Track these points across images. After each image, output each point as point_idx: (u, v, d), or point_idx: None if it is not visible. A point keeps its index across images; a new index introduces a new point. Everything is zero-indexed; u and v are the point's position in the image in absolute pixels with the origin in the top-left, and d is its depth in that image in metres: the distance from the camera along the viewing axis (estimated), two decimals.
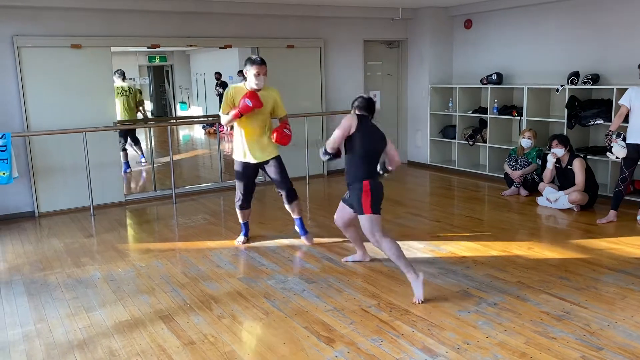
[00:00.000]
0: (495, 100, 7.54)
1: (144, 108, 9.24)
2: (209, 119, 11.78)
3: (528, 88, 7.05)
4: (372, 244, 3.92)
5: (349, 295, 3.80)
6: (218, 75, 13.27)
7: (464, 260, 4.42)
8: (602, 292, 3.75)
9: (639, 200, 5.80)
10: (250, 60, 4.55)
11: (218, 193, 7.11)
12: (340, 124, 3.84)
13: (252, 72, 4.52)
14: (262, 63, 4.54)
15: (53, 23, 6.11)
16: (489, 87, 7.56)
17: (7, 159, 5.52)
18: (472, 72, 8.17)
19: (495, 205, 6.27)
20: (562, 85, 6.67)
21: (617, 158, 5.32)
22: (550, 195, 5.94)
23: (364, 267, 4.33)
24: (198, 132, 14.27)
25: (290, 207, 4.92)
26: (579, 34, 6.81)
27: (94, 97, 6.38)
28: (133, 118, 8.70)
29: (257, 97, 4.50)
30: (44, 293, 4.01)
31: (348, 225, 4.28)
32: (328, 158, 3.99)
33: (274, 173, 4.79)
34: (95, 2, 6.19)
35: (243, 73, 4.71)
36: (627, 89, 5.30)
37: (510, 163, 6.72)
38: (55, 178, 6.27)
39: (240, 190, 4.85)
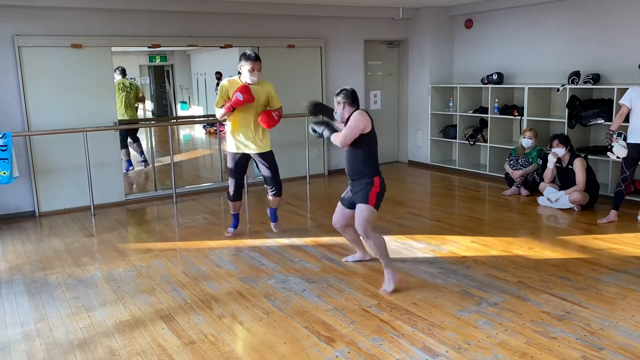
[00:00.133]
0: (496, 100, 7.53)
1: (144, 105, 9.12)
2: (210, 119, 11.75)
3: (529, 88, 7.04)
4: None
5: (350, 295, 3.80)
6: (218, 75, 13.25)
7: (465, 260, 4.42)
8: (602, 292, 3.75)
9: None
10: (245, 56, 4.65)
11: (218, 193, 7.11)
12: (354, 124, 3.79)
13: (246, 67, 4.64)
14: (256, 59, 4.65)
15: (53, 23, 6.11)
16: (490, 86, 7.55)
17: (7, 159, 5.52)
18: (472, 71, 8.16)
19: (496, 205, 6.26)
20: (562, 85, 6.66)
21: (617, 158, 5.32)
22: (551, 195, 5.93)
23: (364, 266, 4.33)
24: (199, 131, 14.26)
25: (273, 200, 5.11)
26: (580, 34, 6.80)
27: (95, 96, 6.38)
28: (134, 115, 8.65)
29: (248, 91, 4.61)
30: (45, 292, 4.01)
31: (347, 226, 4.27)
32: (317, 136, 4.04)
33: (266, 168, 4.94)
34: (96, 1, 6.18)
35: (239, 68, 4.77)
36: (627, 89, 5.29)
37: (511, 163, 6.71)
38: (56, 178, 6.27)
39: (232, 182, 5.02)
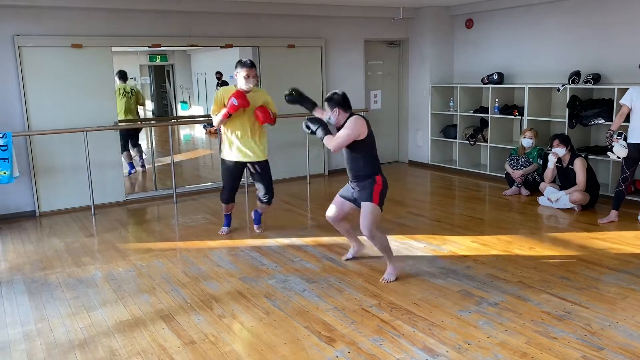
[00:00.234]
0: (496, 100, 7.53)
1: (144, 109, 9.19)
2: (210, 119, 11.77)
3: (529, 88, 7.04)
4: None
5: (350, 295, 3.80)
6: (219, 75, 13.25)
7: (465, 260, 4.42)
8: (603, 292, 3.75)
9: None
10: (240, 63, 4.73)
11: (219, 193, 7.07)
12: (349, 132, 3.84)
13: (241, 74, 4.70)
14: (251, 66, 4.72)
15: (54, 22, 6.11)
16: (490, 86, 7.55)
17: (8, 159, 5.52)
18: (473, 71, 8.16)
19: (496, 205, 6.26)
20: (563, 85, 6.66)
21: (618, 158, 5.32)
22: (551, 195, 5.93)
23: (365, 266, 4.33)
24: (199, 131, 14.25)
25: (262, 206, 5.21)
26: (580, 34, 6.80)
27: (95, 96, 6.38)
28: (135, 120, 8.67)
29: (243, 96, 4.67)
30: (45, 292, 4.01)
31: (342, 219, 4.31)
32: (309, 132, 4.08)
33: (260, 177, 5.01)
34: (96, 1, 6.18)
35: (234, 75, 4.83)
36: (628, 89, 5.29)
37: (511, 163, 6.71)
38: (56, 177, 6.27)
39: (227, 188, 5.10)
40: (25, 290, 4.06)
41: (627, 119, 5.26)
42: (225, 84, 12.19)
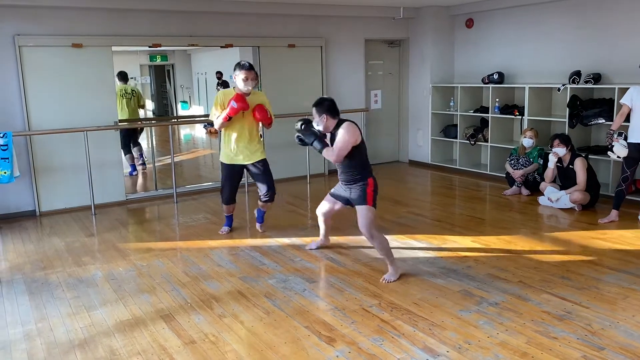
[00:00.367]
0: (497, 100, 7.52)
1: (145, 110, 9.23)
2: (210, 119, 11.77)
3: (529, 87, 7.04)
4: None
5: (350, 295, 3.79)
6: (219, 75, 13.25)
7: (465, 260, 4.42)
8: (603, 292, 3.74)
9: None
10: (239, 66, 4.75)
11: (219, 192, 7.08)
12: (347, 139, 3.89)
13: (240, 76, 4.72)
14: (250, 68, 4.74)
15: (54, 22, 6.11)
16: (491, 86, 7.54)
17: (8, 158, 5.53)
18: (473, 71, 8.15)
19: (497, 205, 6.26)
20: (563, 85, 6.65)
21: (618, 157, 5.32)
22: (552, 195, 5.93)
23: (365, 266, 4.33)
24: (199, 131, 14.25)
25: (264, 205, 5.20)
26: (581, 34, 6.79)
27: (95, 96, 6.38)
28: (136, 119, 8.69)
29: (243, 99, 4.69)
30: (45, 292, 4.01)
31: (329, 217, 4.52)
32: (303, 145, 4.16)
33: (260, 176, 5.02)
34: (97, 1, 6.18)
35: (233, 77, 4.85)
36: (628, 88, 5.29)
37: (512, 162, 6.71)
38: (57, 177, 6.27)
39: (227, 190, 5.13)
40: (26, 290, 4.06)
41: (627, 119, 5.26)
42: (226, 84, 12.19)
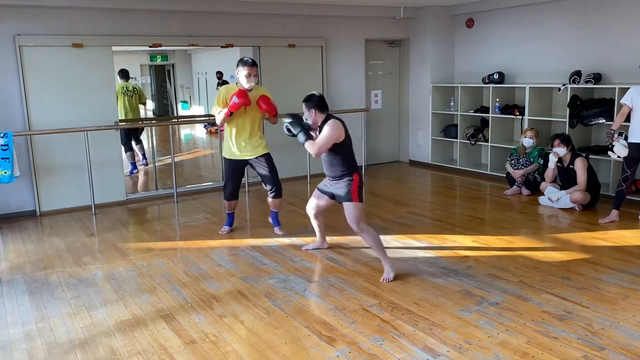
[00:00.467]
0: (497, 100, 7.52)
1: (145, 108, 9.25)
2: (211, 118, 11.75)
3: (530, 87, 7.03)
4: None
5: (350, 295, 3.79)
6: (219, 75, 13.25)
7: (466, 260, 4.42)
8: (603, 291, 3.74)
9: None
10: (242, 62, 4.76)
11: (219, 192, 7.08)
12: (328, 135, 3.97)
13: (243, 73, 4.73)
14: (252, 64, 4.75)
15: (54, 22, 6.12)
16: (491, 86, 7.54)
17: (8, 158, 5.53)
18: (473, 71, 8.15)
19: (497, 205, 6.26)
20: (564, 85, 6.65)
21: (618, 157, 5.32)
22: (552, 195, 5.93)
23: (366, 266, 4.33)
24: (199, 131, 14.26)
25: (273, 202, 5.15)
26: (581, 33, 6.79)
27: (96, 96, 6.38)
28: (137, 119, 8.69)
29: (245, 95, 4.68)
30: (46, 292, 4.01)
31: (320, 213, 4.54)
32: (290, 135, 4.17)
33: (264, 170, 4.99)
34: (97, 1, 6.19)
35: (235, 73, 4.86)
36: (629, 88, 5.29)
37: (512, 162, 6.71)
38: (57, 177, 6.27)
39: (230, 185, 5.10)
40: (26, 290, 4.06)
41: (627, 119, 5.26)
42: (226, 84, 12.19)
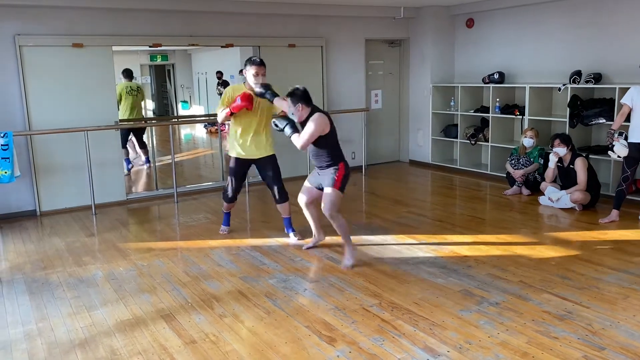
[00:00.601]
0: (497, 100, 7.52)
1: (145, 107, 9.30)
2: (211, 118, 11.74)
3: (530, 87, 7.03)
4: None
5: (351, 295, 3.79)
6: (219, 74, 13.26)
7: (466, 260, 4.42)
8: (604, 291, 3.74)
9: None
10: (250, 61, 4.77)
11: (220, 192, 7.07)
12: (313, 129, 4.07)
13: (251, 72, 4.72)
14: (260, 64, 4.74)
15: (55, 22, 6.11)
16: (491, 86, 7.54)
17: (9, 158, 5.53)
18: (474, 71, 8.15)
19: (497, 205, 6.26)
20: (564, 85, 6.65)
21: (618, 157, 5.32)
22: (552, 195, 5.93)
23: (366, 266, 4.33)
24: (199, 131, 14.26)
25: (281, 207, 5.08)
26: (581, 33, 6.79)
27: (96, 96, 6.38)
28: (140, 117, 8.74)
29: (249, 98, 4.64)
30: (46, 292, 4.01)
31: (310, 204, 4.59)
32: (278, 129, 4.30)
33: (268, 171, 4.97)
34: (97, 1, 6.19)
35: (243, 72, 4.82)
36: (629, 88, 5.29)
37: (512, 162, 6.71)
38: (57, 177, 6.27)
39: (231, 185, 5.07)
40: (26, 290, 4.06)
41: (627, 119, 5.26)
42: (226, 84, 12.20)
